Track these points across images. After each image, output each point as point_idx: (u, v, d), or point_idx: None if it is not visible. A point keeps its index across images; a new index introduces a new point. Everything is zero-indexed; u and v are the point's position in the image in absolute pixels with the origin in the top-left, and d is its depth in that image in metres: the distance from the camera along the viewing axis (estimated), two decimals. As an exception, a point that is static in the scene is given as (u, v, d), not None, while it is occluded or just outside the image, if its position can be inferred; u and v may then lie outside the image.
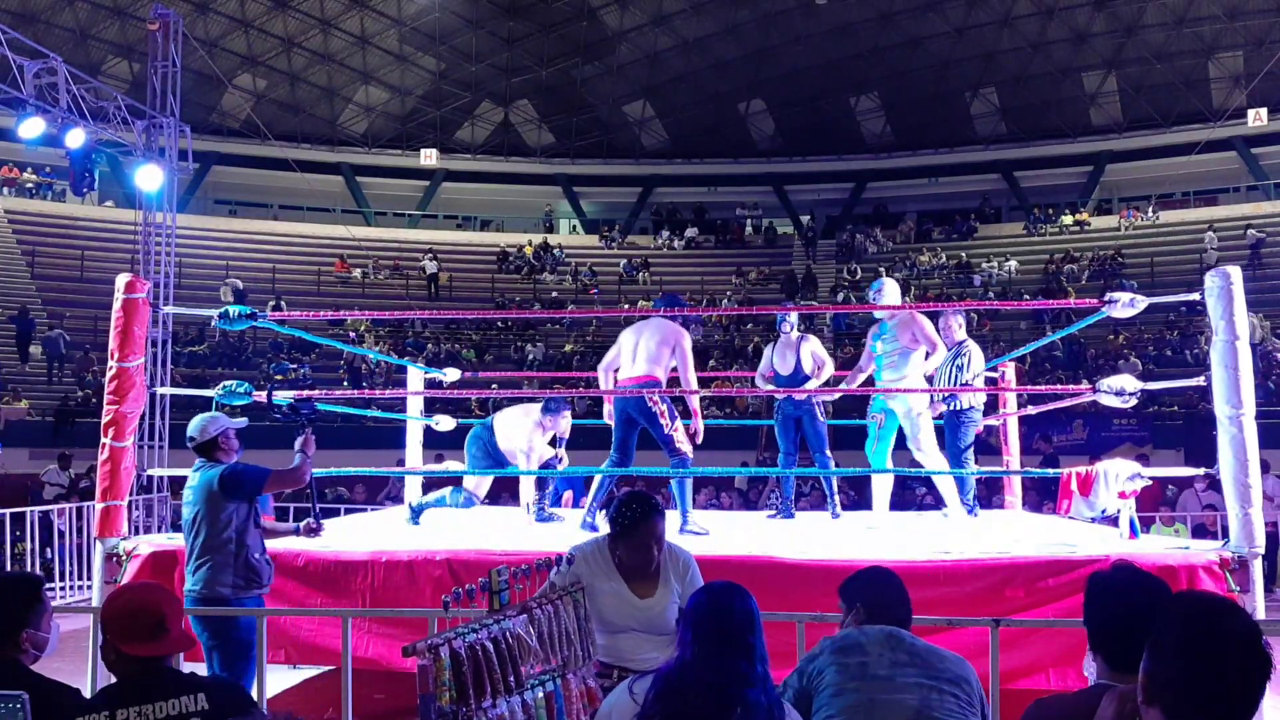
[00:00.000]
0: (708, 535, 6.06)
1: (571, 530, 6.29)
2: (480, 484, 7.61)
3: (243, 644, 4.57)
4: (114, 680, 2.73)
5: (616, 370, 6.52)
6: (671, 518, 6.29)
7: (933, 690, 2.57)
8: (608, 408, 6.60)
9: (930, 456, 6.74)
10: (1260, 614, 4.72)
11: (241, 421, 5.04)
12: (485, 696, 2.52)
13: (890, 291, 7.12)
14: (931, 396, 7.12)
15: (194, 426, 4.90)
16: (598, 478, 6.49)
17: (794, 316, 7.97)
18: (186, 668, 2.90)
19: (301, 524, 5.34)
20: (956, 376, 7.26)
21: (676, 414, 6.24)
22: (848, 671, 2.61)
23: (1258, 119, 28.15)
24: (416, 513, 7.37)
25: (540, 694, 2.75)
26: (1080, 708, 2.08)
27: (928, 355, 7.02)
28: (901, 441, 7.16)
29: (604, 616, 3.36)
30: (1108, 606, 2.27)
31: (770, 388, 7.90)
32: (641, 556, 3.41)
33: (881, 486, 7.35)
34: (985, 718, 2.66)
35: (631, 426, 6.31)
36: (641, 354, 6.25)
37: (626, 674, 3.21)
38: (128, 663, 2.75)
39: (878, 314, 7.05)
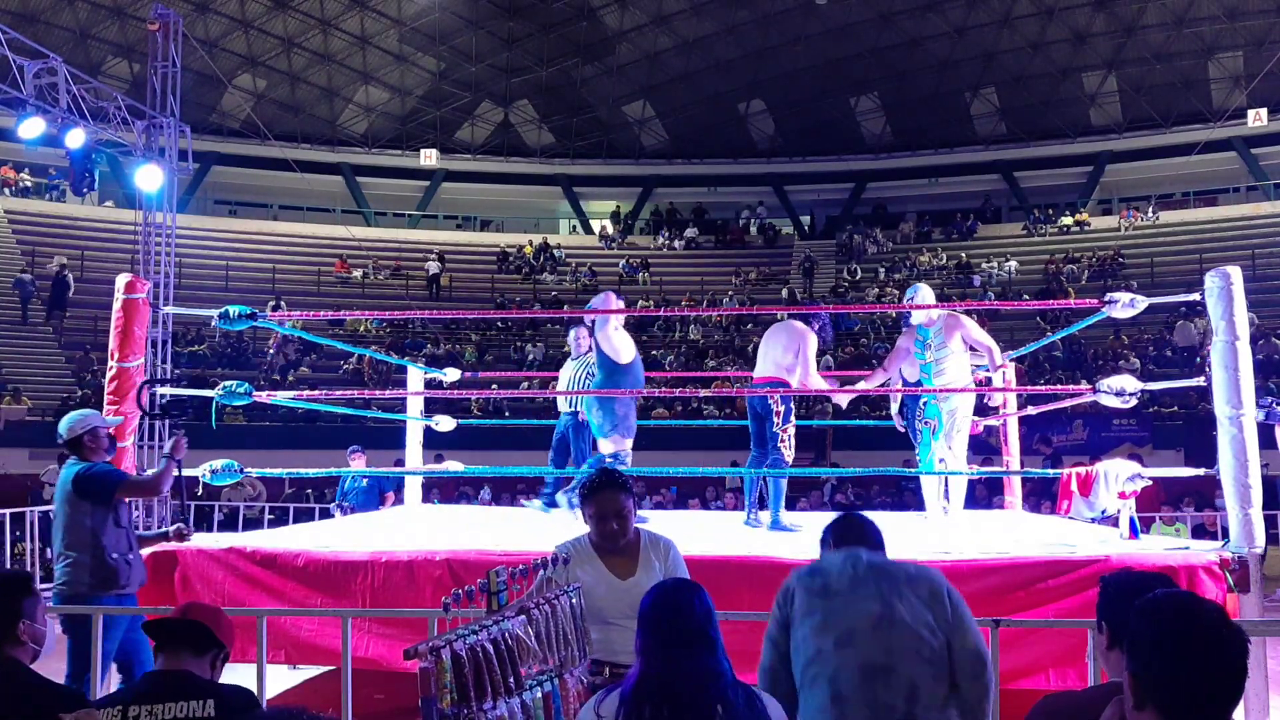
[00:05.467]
0: (799, 531, 6.21)
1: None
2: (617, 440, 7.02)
3: (86, 648, 4.41)
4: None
5: None
6: (762, 517, 6.68)
7: (893, 594, 2.72)
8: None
9: (955, 458, 6.74)
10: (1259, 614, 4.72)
11: (115, 420, 5.01)
12: (486, 698, 2.52)
13: (925, 296, 7.08)
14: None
15: (63, 424, 4.89)
16: (747, 479, 6.81)
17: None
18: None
19: (172, 529, 5.36)
20: (586, 383, 7.20)
21: (793, 418, 6.51)
22: (812, 593, 2.78)
23: (1258, 119, 28.12)
24: (555, 499, 7.25)
25: (539, 694, 2.76)
26: (1095, 703, 2.07)
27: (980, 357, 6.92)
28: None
29: (594, 606, 3.36)
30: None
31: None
32: (600, 527, 3.46)
33: (930, 486, 7.23)
34: (955, 608, 2.76)
35: (759, 421, 6.62)
36: (768, 356, 6.62)
37: (619, 670, 3.20)
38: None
39: (915, 320, 6.95)
